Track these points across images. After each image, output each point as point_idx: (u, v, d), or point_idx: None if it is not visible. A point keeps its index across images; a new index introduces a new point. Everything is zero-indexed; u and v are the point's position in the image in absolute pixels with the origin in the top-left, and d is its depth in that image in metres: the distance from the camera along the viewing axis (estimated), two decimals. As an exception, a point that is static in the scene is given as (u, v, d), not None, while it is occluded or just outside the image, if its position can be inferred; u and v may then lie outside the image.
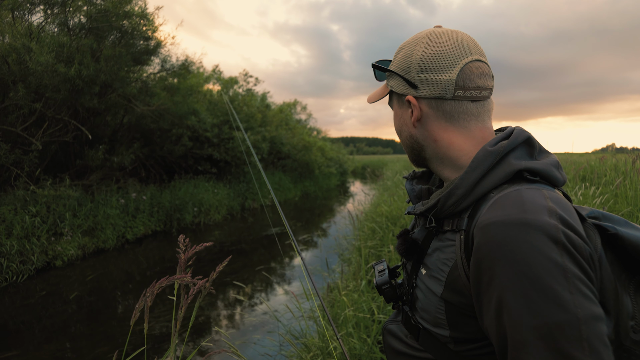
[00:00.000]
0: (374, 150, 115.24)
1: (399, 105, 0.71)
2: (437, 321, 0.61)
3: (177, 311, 0.82)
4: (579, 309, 0.45)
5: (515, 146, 0.60)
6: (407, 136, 0.70)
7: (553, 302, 0.45)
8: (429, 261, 0.64)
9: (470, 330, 0.58)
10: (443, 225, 0.63)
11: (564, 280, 0.46)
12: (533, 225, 0.48)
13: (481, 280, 0.51)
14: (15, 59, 5.52)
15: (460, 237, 0.58)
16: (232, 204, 10.46)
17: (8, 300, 4.45)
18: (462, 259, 0.57)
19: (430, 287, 0.62)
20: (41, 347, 3.41)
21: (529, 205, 0.50)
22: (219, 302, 4.52)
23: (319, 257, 5.44)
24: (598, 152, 11.32)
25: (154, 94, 8.68)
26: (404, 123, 0.70)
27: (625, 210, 2.77)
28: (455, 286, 0.58)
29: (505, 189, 0.56)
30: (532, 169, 0.58)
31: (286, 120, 16.13)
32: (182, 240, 0.81)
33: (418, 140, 0.69)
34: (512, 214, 0.50)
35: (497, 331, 0.50)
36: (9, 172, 6.09)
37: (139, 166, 9.32)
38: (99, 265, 5.79)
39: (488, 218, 0.52)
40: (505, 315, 0.48)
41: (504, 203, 0.52)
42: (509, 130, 0.64)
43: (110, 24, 6.65)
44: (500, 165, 0.58)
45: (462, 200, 0.59)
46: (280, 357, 2.72)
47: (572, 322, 0.44)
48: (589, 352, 0.44)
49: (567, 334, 0.44)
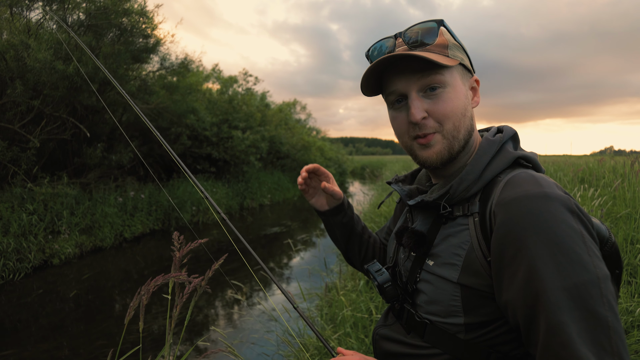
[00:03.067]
0: (373, 151, 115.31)
1: (462, 81, 0.66)
2: (450, 310, 0.62)
3: (172, 310, 0.81)
4: (597, 269, 0.50)
5: (508, 139, 0.67)
6: (471, 116, 0.67)
7: (578, 264, 0.49)
8: (437, 251, 0.65)
9: (485, 312, 0.59)
10: (453, 212, 0.65)
11: (583, 244, 0.51)
12: (552, 196, 0.53)
13: (504, 255, 0.54)
14: (13, 55, 5.50)
15: (474, 220, 0.61)
16: (231, 203, 10.44)
17: (5, 298, 4.43)
18: (479, 240, 0.59)
19: (443, 275, 0.63)
20: (38, 346, 3.40)
21: (543, 181, 0.56)
22: (217, 302, 4.51)
23: (318, 257, 5.43)
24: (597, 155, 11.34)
25: (153, 92, 8.65)
26: (469, 102, 0.67)
27: (623, 212, 2.76)
28: (472, 268, 0.60)
29: (510, 172, 0.61)
30: (527, 157, 0.65)
31: (285, 120, 16.13)
32: (176, 237, 0.79)
33: (474, 124, 0.69)
34: (532, 189, 0.54)
35: (524, 301, 0.52)
36: (7, 169, 6.06)
37: (137, 165, 9.29)
38: (97, 263, 5.77)
39: (509, 195, 0.56)
40: (537, 280, 0.50)
41: (520, 182, 0.57)
42: (499, 127, 0.70)
43: (109, 21, 6.62)
44: (501, 153, 0.64)
45: (473, 185, 0.63)
46: (278, 356, 2.71)
47: (594, 281, 0.49)
48: (608, 307, 0.48)
49: (591, 292, 0.48)
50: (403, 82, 0.64)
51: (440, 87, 0.63)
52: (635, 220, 2.60)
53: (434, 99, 0.63)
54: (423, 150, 0.66)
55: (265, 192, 12.38)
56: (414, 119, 0.63)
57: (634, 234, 2.50)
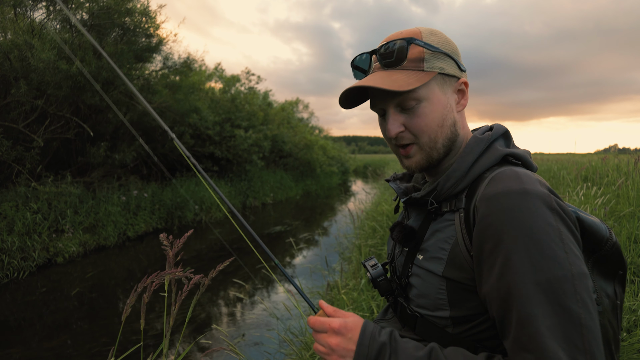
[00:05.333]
0: (376, 150, 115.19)
1: (442, 90, 0.66)
2: (437, 303, 0.64)
3: (169, 307, 0.82)
4: (573, 266, 0.50)
5: (497, 136, 0.69)
6: (452, 123, 0.67)
7: (552, 260, 0.50)
8: (426, 245, 0.67)
9: (470, 306, 0.61)
10: (441, 208, 0.67)
11: (560, 241, 0.52)
12: (531, 193, 0.54)
13: (484, 248, 0.56)
14: (17, 55, 5.53)
15: (460, 215, 0.63)
16: (234, 202, 10.47)
17: (9, 296, 4.47)
18: (463, 235, 0.61)
19: (430, 269, 0.65)
20: (42, 344, 3.42)
21: (525, 178, 0.57)
22: (219, 300, 4.52)
23: (319, 256, 5.44)
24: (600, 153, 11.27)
25: (156, 91, 8.68)
26: (450, 110, 0.67)
27: (627, 211, 2.74)
28: (457, 262, 0.61)
29: (497, 169, 0.62)
30: (515, 154, 0.66)
31: (288, 119, 16.12)
32: (164, 237, 0.80)
33: (457, 128, 0.69)
34: (513, 186, 0.55)
35: (498, 293, 0.53)
36: (11, 168, 6.11)
37: (140, 164, 9.33)
38: (100, 262, 5.81)
39: (491, 191, 0.57)
40: (511, 274, 0.52)
41: (503, 178, 0.58)
42: (490, 125, 0.72)
43: (112, 21, 6.65)
44: (489, 151, 0.65)
45: (460, 182, 0.64)
46: (280, 355, 2.72)
47: (567, 277, 0.50)
48: (581, 304, 0.49)
49: (564, 288, 0.49)
50: (381, 101, 0.68)
51: (416, 103, 0.65)
52: (638, 219, 2.58)
53: (410, 113, 0.66)
54: (404, 159, 0.70)
55: (268, 191, 12.40)
56: (390, 134, 0.67)
57: (637, 233, 2.48)
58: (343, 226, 6.91)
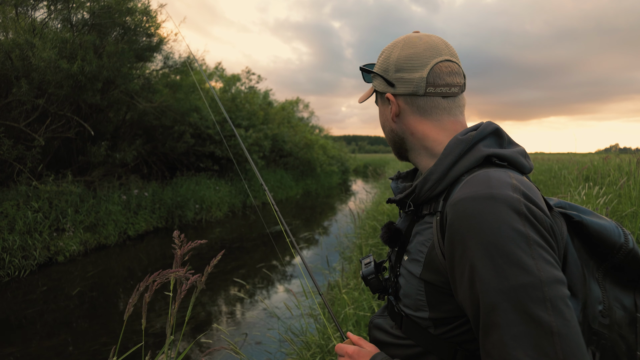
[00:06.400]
0: (376, 149, 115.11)
1: (382, 103, 0.77)
2: (418, 304, 0.65)
3: (172, 306, 0.81)
4: (542, 272, 0.48)
5: (484, 136, 0.66)
6: (389, 130, 0.77)
7: (517, 267, 0.48)
8: (410, 247, 0.69)
9: (448, 309, 0.61)
10: (422, 210, 0.68)
11: (527, 247, 0.49)
12: (497, 198, 0.52)
13: (454, 254, 0.55)
14: (19, 54, 5.53)
15: (437, 219, 0.62)
16: (234, 201, 10.47)
17: (10, 295, 4.47)
18: (439, 238, 0.61)
19: (411, 270, 0.66)
20: (43, 342, 3.43)
21: (494, 182, 0.55)
22: (220, 299, 4.52)
23: (320, 255, 5.44)
24: (601, 152, 11.24)
25: (157, 90, 8.68)
26: (386, 119, 0.77)
27: (629, 211, 2.74)
28: (433, 265, 0.61)
29: (475, 171, 0.61)
30: (500, 154, 0.63)
31: (288, 118, 16.12)
32: (177, 236, 0.80)
33: (398, 134, 0.75)
34: (480, 190, 0.54)
35: (470, 301, 0.53)
36: (12, 167, 6.11)
37: (140, 163, 9.33)
38: (101, 261, 5.81)
39: (458, 196, 0.56)
40: (477, 282, 0.51)
41: (473, 182, 0.57)
42: (478, 123, 0.69)
43: (113, 20, 6.65)
44: (471, 152, 0.63)
45: (437, 185, 0.64)
46: (280, 354, 2.72)
47: (535, 284, 0.48)
48: (552, 311, 0.47)
49: (531, 295, 0.47)
50: None
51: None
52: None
53: None
54: None
55: (268, 190, 12.40)
56: None
57: (639, 233, 2.47)
58: (343, 225, 6.91)
